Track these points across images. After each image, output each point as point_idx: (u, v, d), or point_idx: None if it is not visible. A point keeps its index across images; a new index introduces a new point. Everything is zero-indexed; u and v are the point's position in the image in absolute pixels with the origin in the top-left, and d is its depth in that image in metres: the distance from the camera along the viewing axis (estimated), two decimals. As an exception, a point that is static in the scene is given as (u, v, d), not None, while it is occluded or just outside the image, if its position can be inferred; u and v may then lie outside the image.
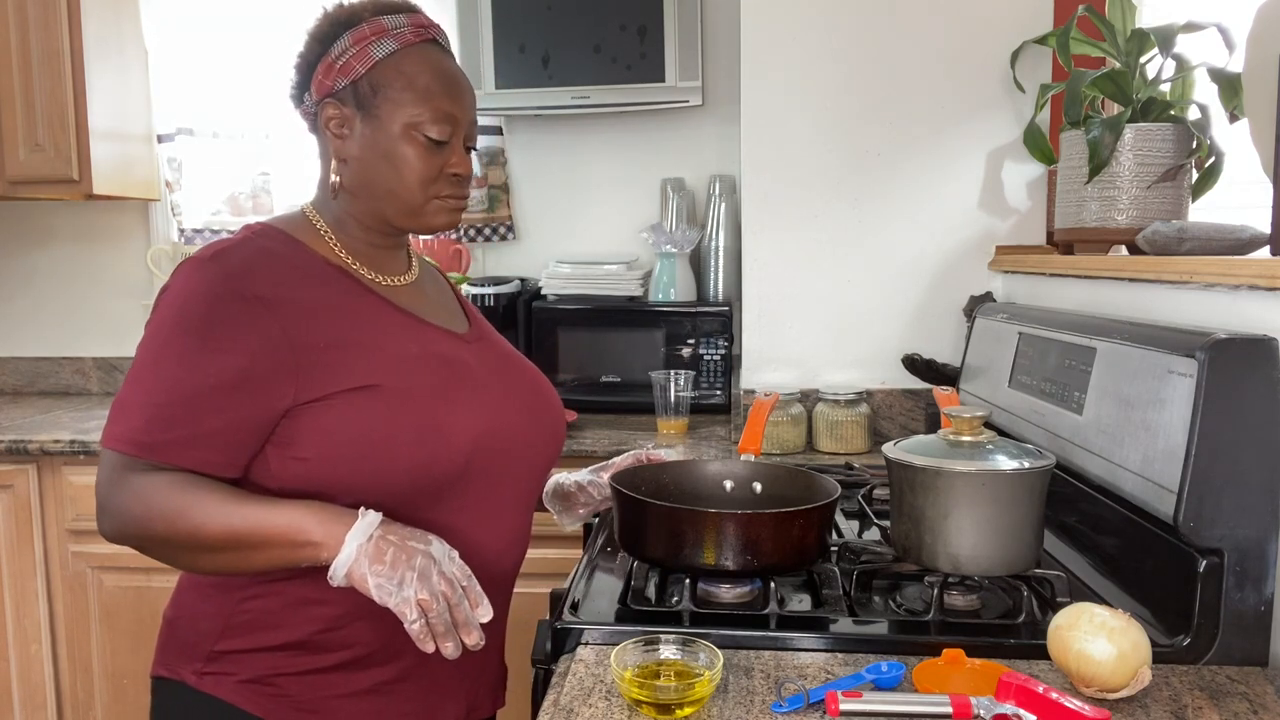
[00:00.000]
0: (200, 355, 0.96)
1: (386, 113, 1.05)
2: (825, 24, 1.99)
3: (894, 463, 1.08)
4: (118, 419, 0.97)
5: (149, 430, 0.95)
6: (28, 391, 2.91)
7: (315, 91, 1.08)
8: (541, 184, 2.71)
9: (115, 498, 0.96)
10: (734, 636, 1.00)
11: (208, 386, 0.96)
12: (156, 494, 0.94)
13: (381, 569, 0.89)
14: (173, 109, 2.74)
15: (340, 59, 1.06)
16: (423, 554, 0.91)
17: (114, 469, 0.96)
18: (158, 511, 0.94)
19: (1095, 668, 0.84)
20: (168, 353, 0.97)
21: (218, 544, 0.93)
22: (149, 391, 0.97)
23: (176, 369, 0.96)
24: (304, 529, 0.92)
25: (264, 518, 0.93)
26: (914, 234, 2.01)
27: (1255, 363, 0.95)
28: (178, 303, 0.99)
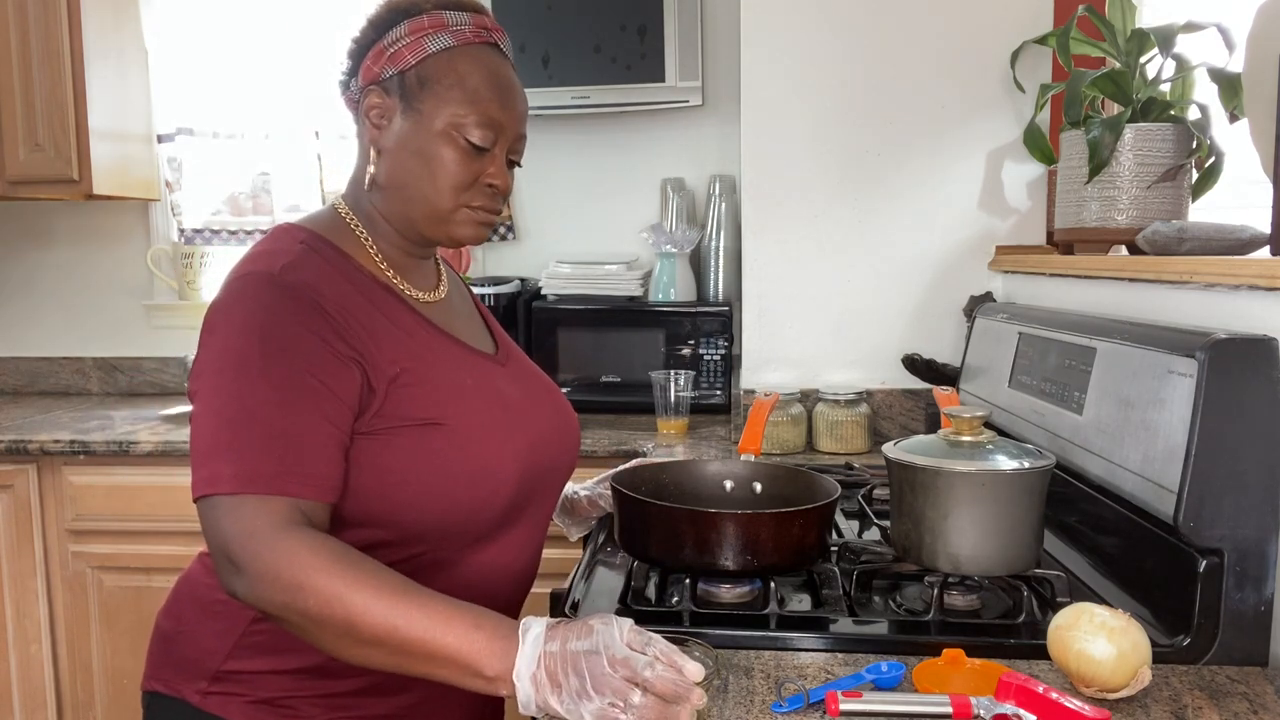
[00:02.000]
0: (290, 378, 0.90)
1: (430, 108, 1.01)
2: (825, 24, 1.99)
3: (894, 463, 1.08)
4: (225, 458, 0.87)
5: (269, 463, 0.87)
6: (28, 391, 2.91)
7: (362, 77, 1.04)
8: (541, 184, 2.71)
9: (263, 558, 0.84)
10: (734, 636, 1.00)
11: (305, 410, 0.90)
12: (314, 564, 0.83)
13: (559, 693, 0.79)
14: (173, 109, 2.74)
15: (392, 46, 1.01)
16: (587, 655, 0.79)
17: (254, 520, 0.85)
18: (314, 586, 0.82)
19: (1095, 668, 0.84)
20: (255, 379, 0.89)
21: (375, 639, 0.82)
22: (250, 422, 0.88)
23: (270, 394, 0.89)
24: (475, 659, 0.81)
25: (432, 630, 0.82)
26: (914, 234, 2.01)
27: (1255, 363, 0.95)
28: (254, 322, 0.92)
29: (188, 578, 1.09)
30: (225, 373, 0.90)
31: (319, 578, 0.82)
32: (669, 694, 0.78)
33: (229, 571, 0.85)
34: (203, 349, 0.94)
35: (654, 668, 0.79)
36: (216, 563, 0.87)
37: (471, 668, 0.81)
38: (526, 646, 0.81)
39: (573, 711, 0.79)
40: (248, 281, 0.95)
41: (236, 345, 0.91)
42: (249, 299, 0.94)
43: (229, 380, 0.90)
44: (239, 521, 0.85)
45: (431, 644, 0.81)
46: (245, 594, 0.85)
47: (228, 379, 0.90)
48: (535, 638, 0.81)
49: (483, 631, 0.82)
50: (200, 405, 0.91)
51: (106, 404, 2.68)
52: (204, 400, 0.91)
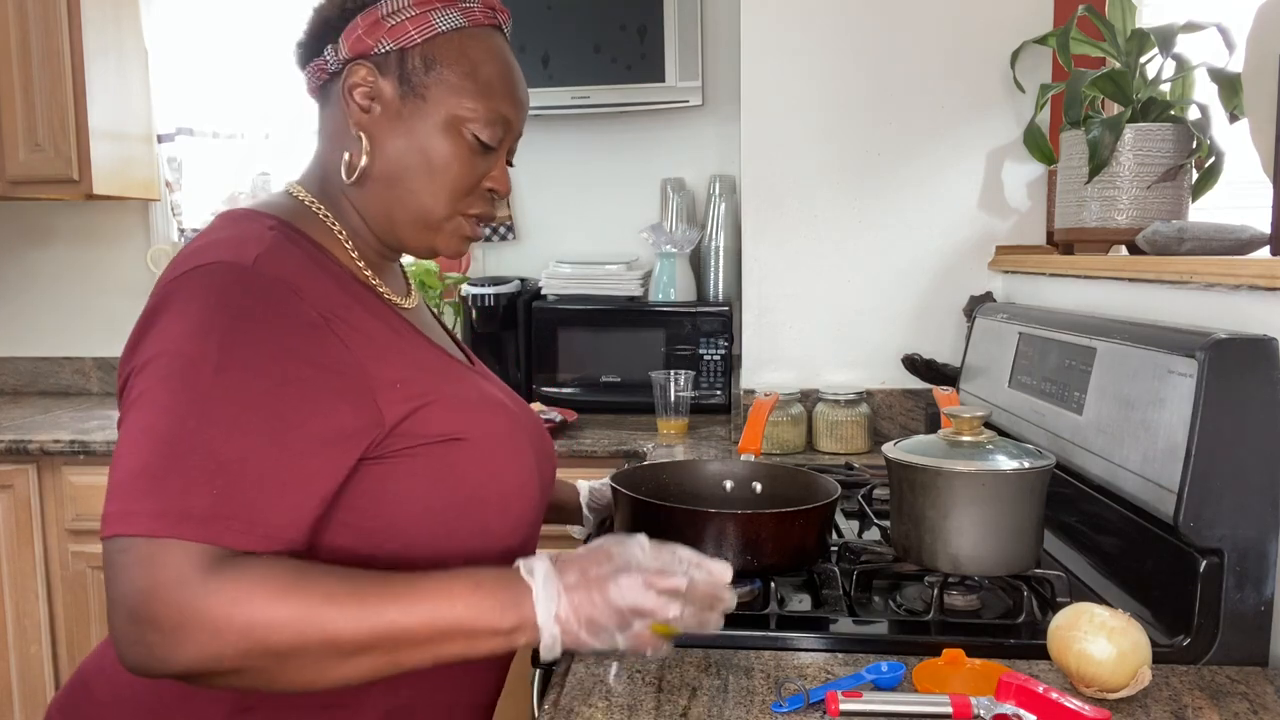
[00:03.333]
0: (253, 397, 0.73)
1: (438, 96, 0.88)
2: (825, 24, 1.99)
3: (894, 463, 1.08)
4: (152, 492, 0.69)
5: (202, 501, 0.70)
6: (28, 391, 2.91)
7: (347, 46, 0.88)
8: (541, 184, 2.71)
9: (196, 605, 0.67)
10: (734, 636, 0.99)
11: (264, 437, 0.73)
12: (267, 592, 0.69)
13: (591, 632, 0.76)
14: (173, 109, 2.74)
15: (393, 18, 0.87)
16: (604, 579, 0.76)
17: (179, 567, 0.68)
18: (275, 617, 0.68)
19: (1095, 668, 0.84)
20: (205, 392, 0.72)
21: (365, 645, 0.71)
22: (188, 447, 0.70)
23: (222, 413, 0.72)
24: (488, 619, 0.74)
25: (431, 610, 0.73)
26: (914, 234, 2.01)
27: (1255, 363, 0.95)
28: (215, 323, 0.75)
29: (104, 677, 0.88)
30: (169, 381, 0.73)
31: (279, 606, 0.69)
32: (708, 598, 0.77)
33: (145, 636, 0.67)
34: (143, 349, 0.76)
35: (700, 575, 0.77)
36: (122, 629, 0.68)
37: (485, 630, 0.74)
38: (540, 588, 0.75)
39: (608, 641, 0.76)
40: (212, 273, 0.78)
41: (189, 350, 0.74)
42: (212, 293, 0.77)
43: (172, 391, 0.72)
44: (159, 570, 0.67)
45: (435, 624, 0.73)
46: (196, 658, 0.67)
47: (170, 389, 0.72)
48: (546, 576, 0.76)
49: (484, 589, 0.75)
50: (130, 420, 0.73)
51: (106, 404, 2.68)
52: (136, 414, 0.73)
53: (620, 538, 0.79)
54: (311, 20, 0.93)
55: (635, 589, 0.76)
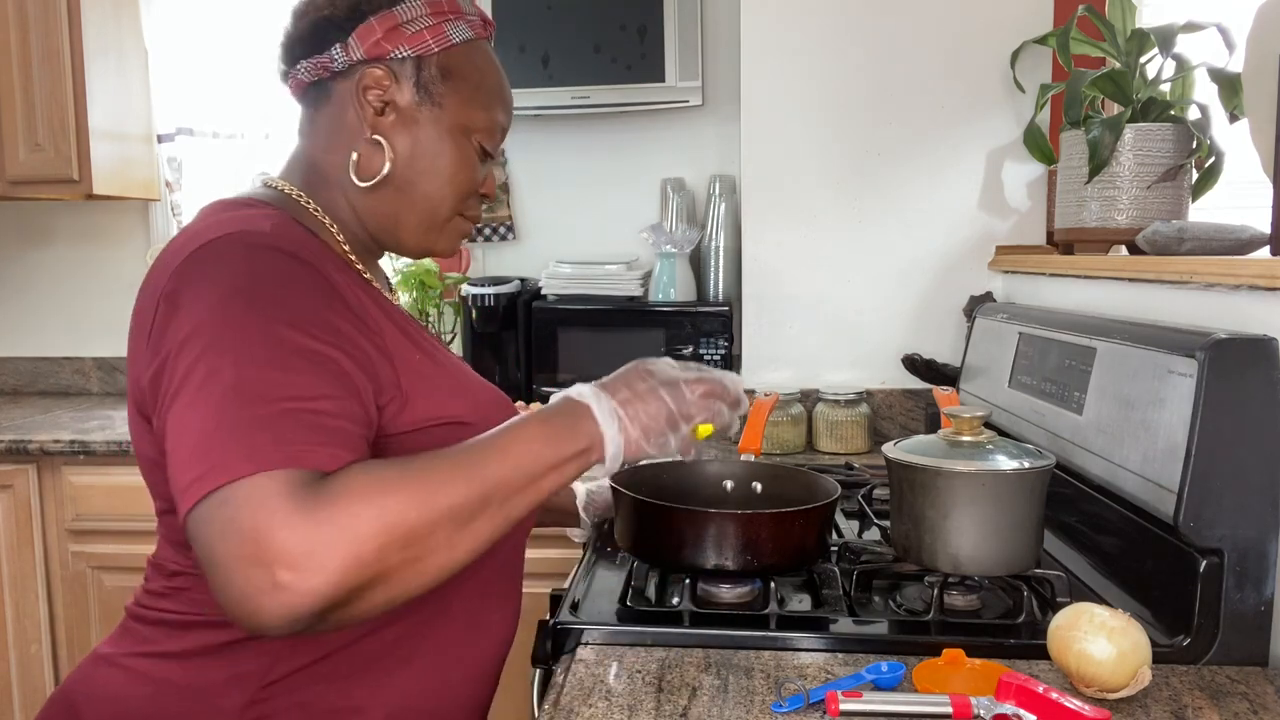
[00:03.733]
0: (299, 345, 0.74)
1: (452, 106, 0.91)
2: (825, 24, 1.99)
3: (894, 463, 1.08)
4: (231, 442, 0.68)
5: (291, 435, 0.69)
6: (28, 391, 2.91)
7: (363, 49, 0.89)
8: (541, 184, 2.71)
9: (328, 523, 0.66)
10: (734, 636, 1.00)
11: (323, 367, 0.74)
12: (375, 489, 0.69)
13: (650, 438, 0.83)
14: (173, 109, 2.74)
15: (411, 25, 0.89)
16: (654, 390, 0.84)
17: (289, 496, 0.66)
18: (398, 506, 0.69)
19: (1095, 668, 0.84)
20: (251, 348, 0.72)
21: (479, 506, 0.74)
22: (255, 397, 0.70)
23: (274, 358, 0.72)
24: (569, 447, 0.80)
25: (521, 458, 0.77)
26: (914, 234, 2.01)
27: (1255, 363, 0.95)
28: (240, 285, 0.75)
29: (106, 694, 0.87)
30: (214, 349, 0.72)
31: (394, 496, 0.69)
32: (736, 398, 0.89)
33: (279, 577, 0.64)
34: (174, 329, 0.74)
35: (725, 379, 0.88)
36: (250, 586, 0.64)
37: (567, 457, 0.80)
38: (598, 408, 0.82)
39: (664, 446, 0.84)
40: (230, 244, 0.78)
41: (226, 317, 0.73)
42: (235, 261, 0.76)
43: (219, 356, 0.71)
44: (267, 505, 0.65)
45: (528, 467, 0.78)
46: (322, 583, 0.65)
47: (217, 355, 0.71)
48: (598, 396, 0.83)
49: (553, 423, 0.81)
50: (184, 396, 0.71)
51: (106, 404, 2.68)
52: (189, 389, 0.71)
53: (648, 360, 0.88)
54: (310, 17, 0.94)
55: (681, 396, 0.86)
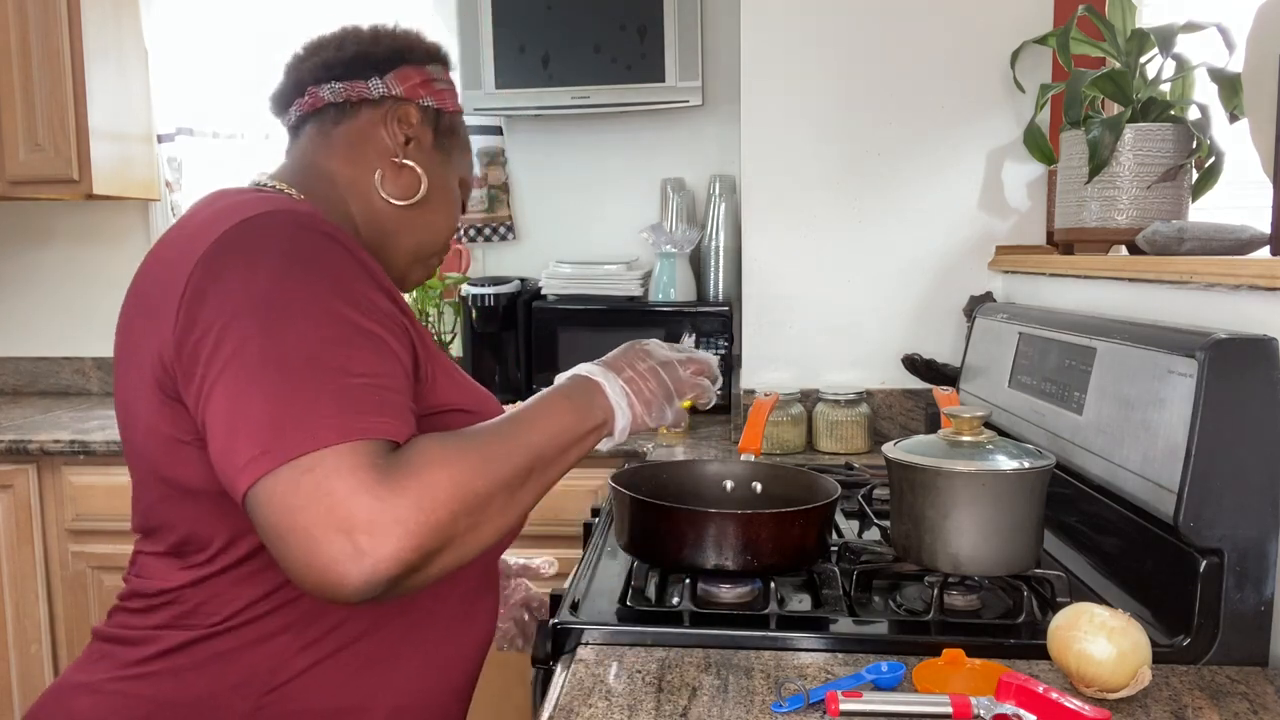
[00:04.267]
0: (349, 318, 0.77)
1: (453, 159, 1.04)
2: (825, 24, 1.99)
3: (894, 463, 1.08)
4: (303, 415, 0.71)
5: (366, 406, 0.73)
6: (28, 391, 2.91)
7: (402, 87, 0.98)
8: (541, 184, 2.71)
9: (404, 492, 0.70)
10: (734, 636, 1.00)
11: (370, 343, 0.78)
12: (440, 460, 0.74)
13: (651, 411, 0.94)
14: (173, 109, 2.74)
15: (438, 82, 1.02)
16: (652, 369, 0.95)
17: (368, 467, 0.70)
18: (464, 474, 0.74)
19: (1095, 668, 0.84)
20: (309, 318, 0.75)
21: (526, 474, 0.81)
22: (315, 373, 0.73)
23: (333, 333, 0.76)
24: (590, 422, 0.89)
25: (552, 430, 0.85)
26: (914, 234, 2.01)
27: (1255, 363, 0.95)
28: (286, 262, 0.77)
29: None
30: (267, 327, 0.74)
31: (458, 466, 0.75)
32: (716, 375, 1.00)
33: (359, 543, 0.67)
34: (214, 305, 0.75)
35: (709, 360, 0.99)
36: (331, 553, 0.67)
37: (589, 429, 0.89)
38: (608, 385, 0.92)
39: (662, 419, 0.95)
40: (272, 220, 0.80)
41: (276, 295, 0.75)
42: (279, 238, 0.79)
43: (272, 333, 0.74)
44: (348, 474, 0.69)
45: (559, 438, 0.86)
46: (403, 547, 0.69)
47: (269, 333, 0.74)
48: (605, 374, 0.93)
49: (573, 399, 0.90)
50: (234, 373, 0.73)
51: (106, 404, 2.68)
52: (240, 365, 0.73)
53: (642, 340, 0.99)
54: (352, 50, 1.00)
55: (676, 374, 0.96)
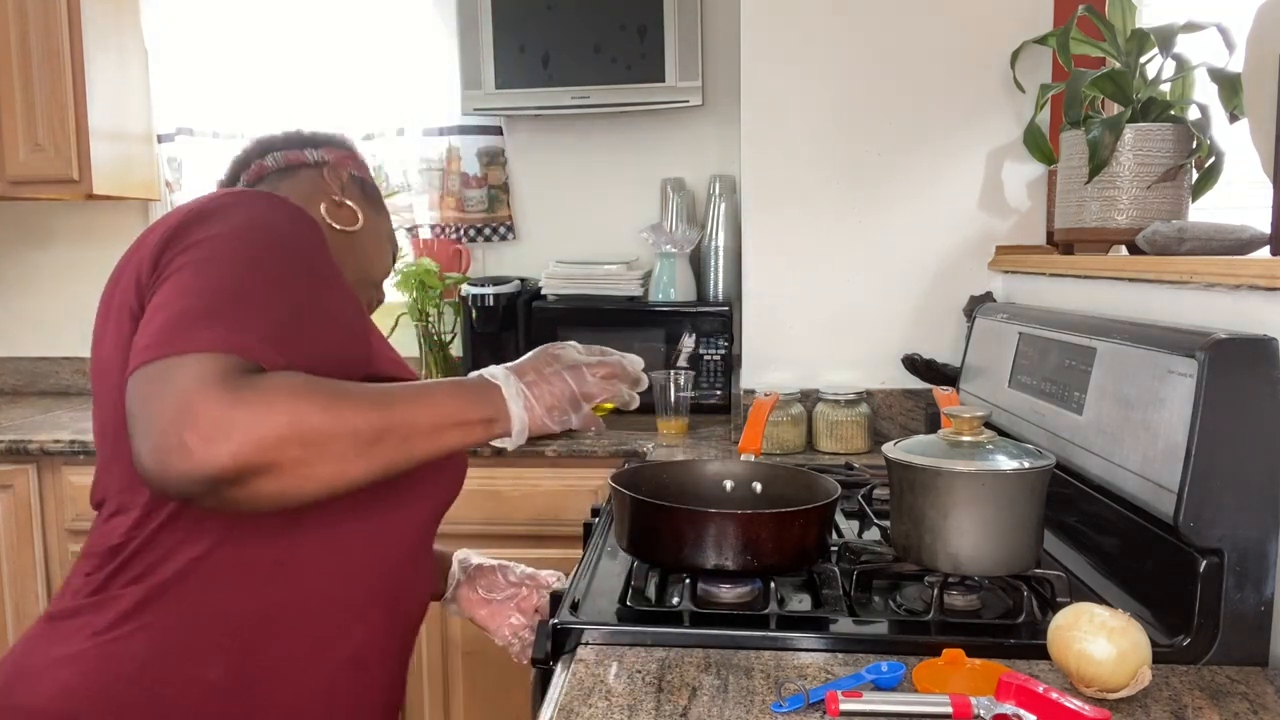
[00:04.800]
0: (302, 280, 0.87)
1: (382, 216, 1.18)
2: (825, 24, 1.99)
3: (894, 463, 1.08)
4: (195, 324, 0.78)
5: (242, 328, 0.79)
6: (28, 391, 2.91)
7: (331, 157, 1.13)
8: (541, 184, 2.71)
9: (244, 404, 0.74)
10: (734, 636, 1.00)
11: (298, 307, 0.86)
12: (289, 390, 0.77)
13: (553, 415, 0.94)
14: (173, 109, 2.74)
15: (355, 161, 1.17)
16: (558, 373, 0.96)
17: (220, 374, 0.75)
18: (307, 409, 0.77)
19: (1095, 668, 0.84)
20: (254, 262, 0.84)
21: (380, 435, 0.81)
22: (232, 294, 0.81)
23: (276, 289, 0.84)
24: (477, 411, 0.89)
25: (431, 405, 0.86)
26: (914, 234, 2.01)
27: (1255, 363, 0.95)
28: (259, 225, 0.87)
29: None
30: (216, 254, 0.84)
31: (306, 400, 0.77)
32: (635, 378, 1.00)
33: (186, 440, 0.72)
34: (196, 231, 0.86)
35: (625, 361, 0.99)
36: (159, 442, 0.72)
37: (473, 420, 0.89)
38: (506, 386, 0.92)
39: (566, 422, 0.95)
40: (250, 195, 0.91)
41: (235, 229, 0.86)
42: (255, 202, 0.90)
43: (219, 259, 0.83)
44: (212, 372, 0.75)
45: (434, 416, 0.86)
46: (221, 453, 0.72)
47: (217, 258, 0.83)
48: (507, 376, 0.93)
49: (463, 389, 0.91)
50: (175, 279, 0.82)
51: (106, 404, 2.68)
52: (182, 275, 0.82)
53: (556, 344, 0.99)
54: (293, 136, 1.15)
55: (583, 378, 0.97)
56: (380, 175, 2.69)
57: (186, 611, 0.88)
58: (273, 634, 0.91)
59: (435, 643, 2.14)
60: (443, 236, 2.70)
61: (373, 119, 2.70)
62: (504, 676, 2.11)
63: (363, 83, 2.70)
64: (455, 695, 2.16)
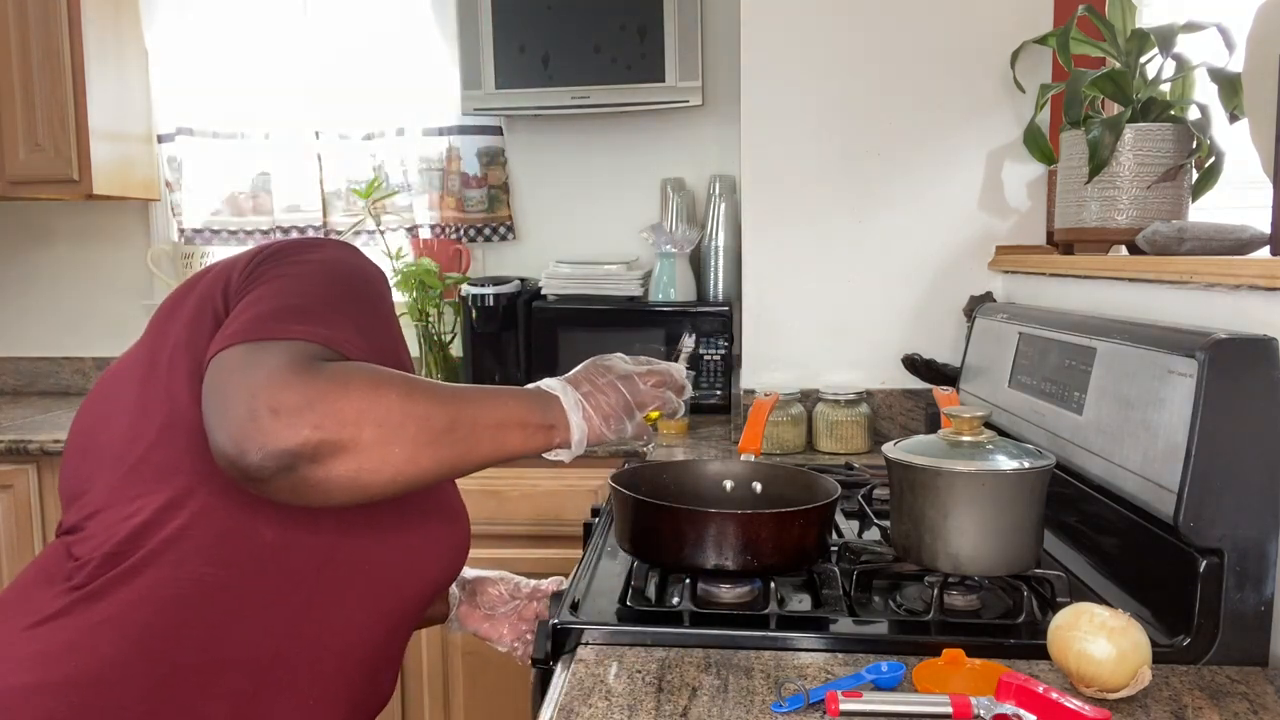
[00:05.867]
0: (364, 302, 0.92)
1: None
2: (825, 24, 1.99)
3: (894, 463, 1.08)
4: (275, 321, 0.82)
5: (320, 325, 0.84)
6: (28, 391, 2.91)
7: None
8: (541, 184, 2.71)
9: (322, 377, 0.77)
10: (734, 636, 1.00)
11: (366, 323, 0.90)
12: (372, 370, 0.82)
13: (610, 424, 0.96)
14: (173, 109, 2.74)
15: None
16: (612, 383, 0.98)
17: (307, 357, 0.79)
18: (385, 389, 0.80)
19: (1095, 668, 0.84)
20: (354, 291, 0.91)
21: (448, 428, 0.84)
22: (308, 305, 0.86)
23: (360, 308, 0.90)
24: (538, 416, 0.92)
25: (494, 404, 0.89)
26: (914, 234, 2.01)
27: (1255, 363, 0.95)
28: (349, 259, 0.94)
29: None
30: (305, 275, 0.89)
31: (382, 388, 0.80)
32: (681, 385, 1.03)
33: (262, 421, 0.74)
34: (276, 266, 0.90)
35: (671, 369, 1.02)
36: (239, 421, 0.74)
37: (535, 424, 0.92)
38: (564, 396, 0.95)
39: (622, 431, 0.98)
40: (337, 241, 0.97)
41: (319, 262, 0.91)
42: (338, 247, 0.95)
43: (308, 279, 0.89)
44: (300, 355, 0.78)
45: (498, 415, 0.89)
46: (297, 432, 0.74)
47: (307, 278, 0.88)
48: (564, 387, 0.96)
49: (525, 395, 0.94)
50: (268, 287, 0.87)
51: (106, 404, 2.68)
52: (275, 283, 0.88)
53: (605, 356, 1.02)
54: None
55: (636, 387, 0.99)
56: (380, 175, 2.69)
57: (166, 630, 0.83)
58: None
59: (435, 643, 2.14)
60: (443, 236, 2.70)
61: (373, 119, 2.70)
62: (504, 676, 2.11)
63: (363, 82, 2.70)
64: (455, 695, 2.16)
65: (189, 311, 0.91)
